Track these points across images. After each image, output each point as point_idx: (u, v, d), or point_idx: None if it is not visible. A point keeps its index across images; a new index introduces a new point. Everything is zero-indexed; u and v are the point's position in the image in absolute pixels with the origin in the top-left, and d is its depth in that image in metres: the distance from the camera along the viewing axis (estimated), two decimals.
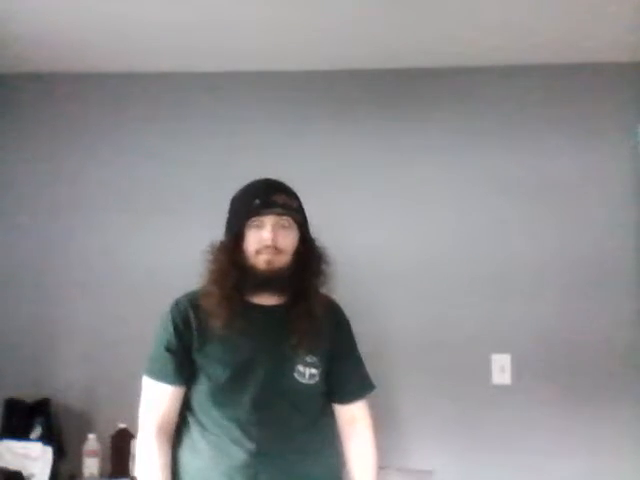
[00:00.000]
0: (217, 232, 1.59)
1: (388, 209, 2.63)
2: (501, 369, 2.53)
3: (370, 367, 1.67)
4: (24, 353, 2.60)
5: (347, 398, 1.64)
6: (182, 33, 2.38)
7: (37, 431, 2.40)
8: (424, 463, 2.44)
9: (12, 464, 2.26)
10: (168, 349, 1.53)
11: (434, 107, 2.66)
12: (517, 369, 2.52)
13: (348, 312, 1.68)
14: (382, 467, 1.65)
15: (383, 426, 1.66)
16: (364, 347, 1.68)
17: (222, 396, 1.50)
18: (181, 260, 2.04)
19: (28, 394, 2.48)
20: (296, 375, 1.53)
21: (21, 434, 2.38)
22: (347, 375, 1.64)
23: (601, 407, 2.47)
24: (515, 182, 2.60)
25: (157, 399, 1.53)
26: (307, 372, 1.53)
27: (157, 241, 2.61)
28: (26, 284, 2.63)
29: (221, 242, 1.59)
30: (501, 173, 2.61)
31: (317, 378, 1.55)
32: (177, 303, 1.59)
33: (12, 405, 2.47)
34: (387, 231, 2.60)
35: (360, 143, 2.66)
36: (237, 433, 1.47)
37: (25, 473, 2.26)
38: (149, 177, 2.67)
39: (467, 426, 2.51)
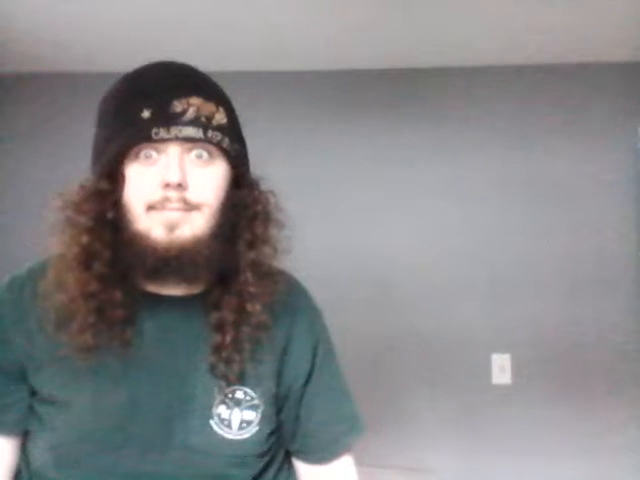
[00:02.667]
0: None
1: (389, 209, 2.63)
2: (501, 369, 2.53)
3: (369, 367, 1.56)
4: None
5: (317, 455, 0.99)
6: (182, 33, 2.38)
7: None
8: (423, 462, 2.44)
9: None
10: None
11: (434, 107, 2.66)
12: (517, 369, 2.52)
13: (348, 313, 1.41)
14: (382, 466, 1.62)
15: (383, 425, 1.64)
16: (364, 348, 1.46)
17: (70, 465, 0.85)
18: None
19: None
20: (214, 425, 0.88)
21: None
22: (316, 417, 0.98)
23: (601, 407, 2.48)
24: (515, 182, 2.60)
25: None
26: (235, 418, 0.90)
27: None
28: None
29: (82, 187, 0.88)
30: (501, 173, 2.61)
31: (256, 427, 0.91)
32: (13, 282, 0.90)
33: None
34: (388, 231, 2.61)
35: (361, 143, 2.66)
36: None
37: None
38: None
39: (467, 426, 2.51)
